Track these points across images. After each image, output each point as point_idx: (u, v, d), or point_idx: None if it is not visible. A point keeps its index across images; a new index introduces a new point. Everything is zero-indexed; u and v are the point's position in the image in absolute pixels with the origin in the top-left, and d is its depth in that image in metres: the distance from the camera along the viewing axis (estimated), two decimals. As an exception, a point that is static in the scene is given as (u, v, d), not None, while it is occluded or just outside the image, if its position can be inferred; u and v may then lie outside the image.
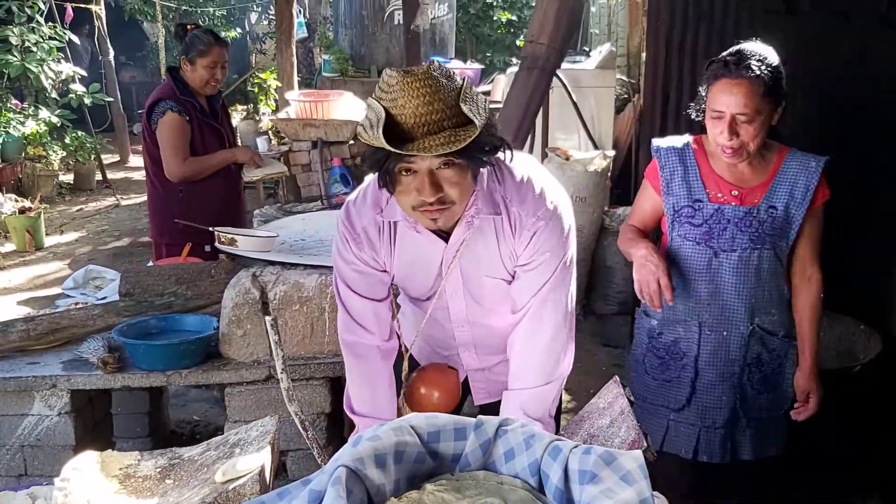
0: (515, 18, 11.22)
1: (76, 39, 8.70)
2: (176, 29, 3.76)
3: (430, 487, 1.14)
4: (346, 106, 4.96)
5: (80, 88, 8.47)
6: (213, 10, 12.67)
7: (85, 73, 8.84)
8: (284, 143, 5.26)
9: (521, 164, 1.77)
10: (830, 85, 3.18)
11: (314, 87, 8.12)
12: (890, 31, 3.18)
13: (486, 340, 1.98)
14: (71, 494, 1.68)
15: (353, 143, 4.75)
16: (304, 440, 1.84)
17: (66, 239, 7.06)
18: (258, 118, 7.90)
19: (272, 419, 2.01)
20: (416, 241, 1.79)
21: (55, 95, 8.39)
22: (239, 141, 4.50)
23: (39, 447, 2.72)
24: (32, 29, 7.94)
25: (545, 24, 3.73)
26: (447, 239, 1.76)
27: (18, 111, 8.12)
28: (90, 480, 1.79)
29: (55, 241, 6.97)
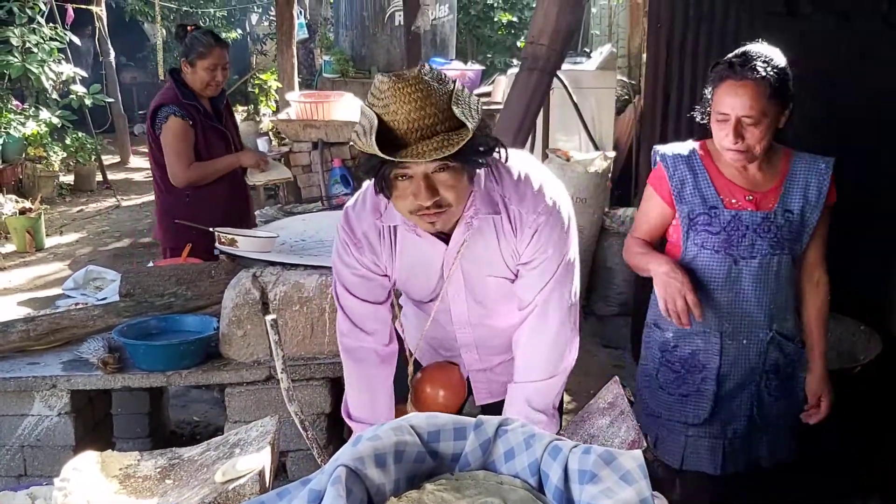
0: (516, 19, 11.23)
1: (77, 40, 8.69)
2: (176, 30, 3.72)
3: (429, 487, 1.14)
4: (346, 107, 4.97)
5: (80, 89, 8.47)
6: (213, 11, 12.68)
7: (85, 73, 8.84)
8: (285, 144, 5.27)
9: (517, 161, 1.77)
10: (831, 86, 3.18)
11: (315, 88, 8.12)
12: (891, 31, 3.18)
13: (488, 341, 1.98)
14: (71, 495, 1.68)
15: (353, 144, 4.75)
16: (304, 440, 1.84)
17: (66, 240, 7.07)
18: (259, 119, 7.91)
19: (272, 419, 2.01)
20: (416, 244, 1.79)
21: (56, 96, 8.38)
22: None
23: (39, 447, 2.72)
24: (33, 30, 7.94)
25: (546, 25, 3.73)
26: (447, 241, 1.76)
27: (19, 112, 8.12)
28: (90, 481, 1.79)
29: (55, 241, 6.97)
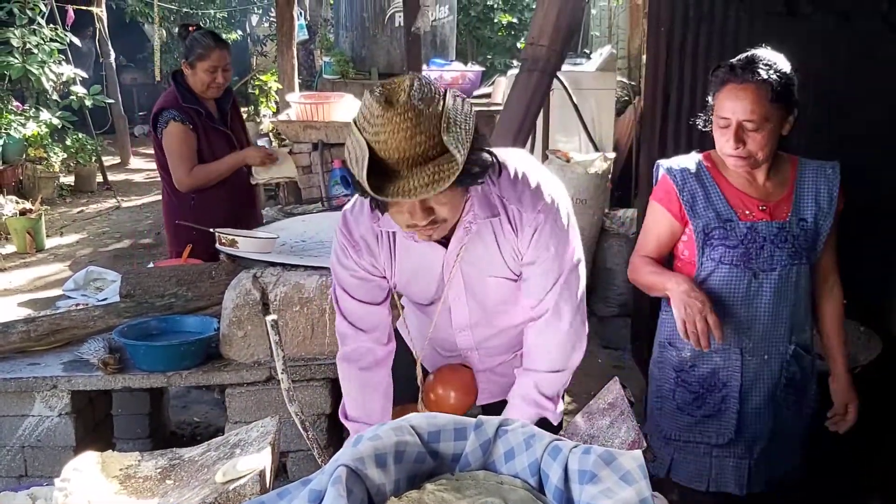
0: (516, 20, 11.23)
1: (77, 41, 8.69)
2: (179, 30, 3.69)
3: (430, 487, 1.14)
4: (346, 108, 4.97)
5: (80, 90, 8.47)
6: (213, 12, 12.68)
7: (86, 74, 8.84)
8: (285, 144, 5.27)
9: (513, 160, 1.77)
10: (832, 86, 3.18)
11: (315, 89, 8.10)
12: (891, 32, 3.18)
13: (489, 342, 1.98)
14: (71, 495, 1.68)
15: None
16: (304, 441, 1.84)
17: (66, 240, 7.07)
18: (259, 120, 7.92)
19: (273, 420, 2.01)
20: (415, 249, 1.79)
21: (56, 97, 8.38)
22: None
23: (40, 448, 2.72)
24: (34, 31, 7.94)
25: (545, 26, 3.72)
26: (446, 244, 1.77)
27: (19, 113, 8.13)
28: (90, 481, 1.79)
29: (56, 242, 6.97)
